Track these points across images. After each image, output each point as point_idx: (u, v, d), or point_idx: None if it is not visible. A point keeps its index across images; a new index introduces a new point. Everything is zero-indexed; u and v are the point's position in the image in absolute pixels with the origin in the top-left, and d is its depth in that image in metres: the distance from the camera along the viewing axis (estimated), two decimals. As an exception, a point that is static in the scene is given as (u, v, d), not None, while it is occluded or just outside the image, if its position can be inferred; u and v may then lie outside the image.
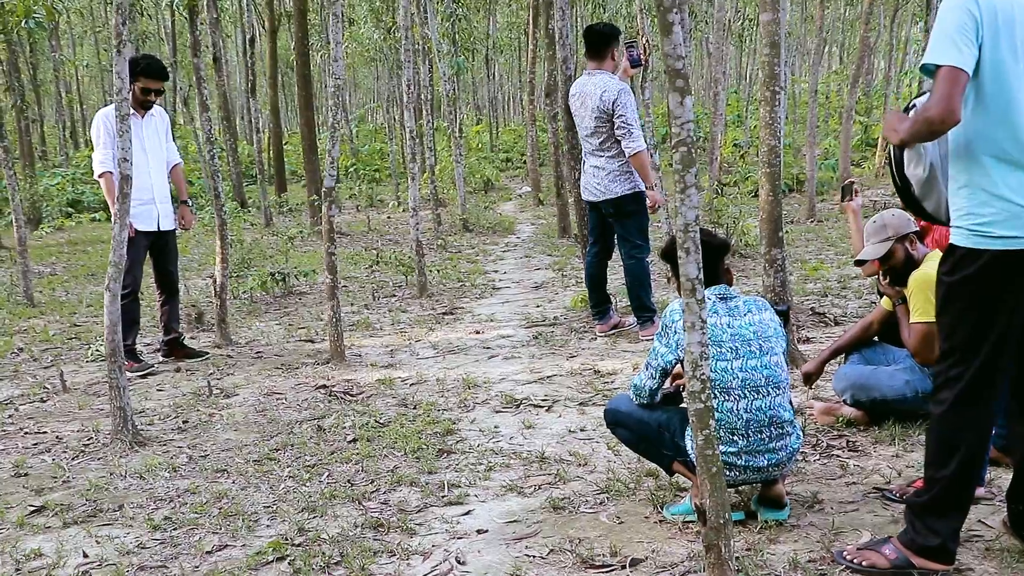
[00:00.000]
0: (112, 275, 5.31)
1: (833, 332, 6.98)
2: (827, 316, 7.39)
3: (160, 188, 7.20)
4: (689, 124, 3.11)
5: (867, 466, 4.37)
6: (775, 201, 5.97)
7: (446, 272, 10.85)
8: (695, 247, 3.11)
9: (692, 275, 3.12)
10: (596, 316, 7.49)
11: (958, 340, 3.11)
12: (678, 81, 3.08)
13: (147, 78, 6.98)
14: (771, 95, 5.92)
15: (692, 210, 3.11)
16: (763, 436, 3.66)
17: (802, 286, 8.67)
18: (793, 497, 4.02)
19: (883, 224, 4.57)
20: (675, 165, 3.13)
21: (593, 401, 5.69)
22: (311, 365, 7.00)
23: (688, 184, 3.11)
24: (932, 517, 3.19)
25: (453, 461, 4.80)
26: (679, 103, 3.09)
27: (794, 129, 24.75)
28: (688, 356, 3.13)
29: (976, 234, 3.02)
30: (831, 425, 4.93)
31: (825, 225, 13.28)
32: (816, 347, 6.56)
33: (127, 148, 5.26)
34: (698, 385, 3.13)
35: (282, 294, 10.08)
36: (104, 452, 5.26)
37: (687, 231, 3.11)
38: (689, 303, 3.12)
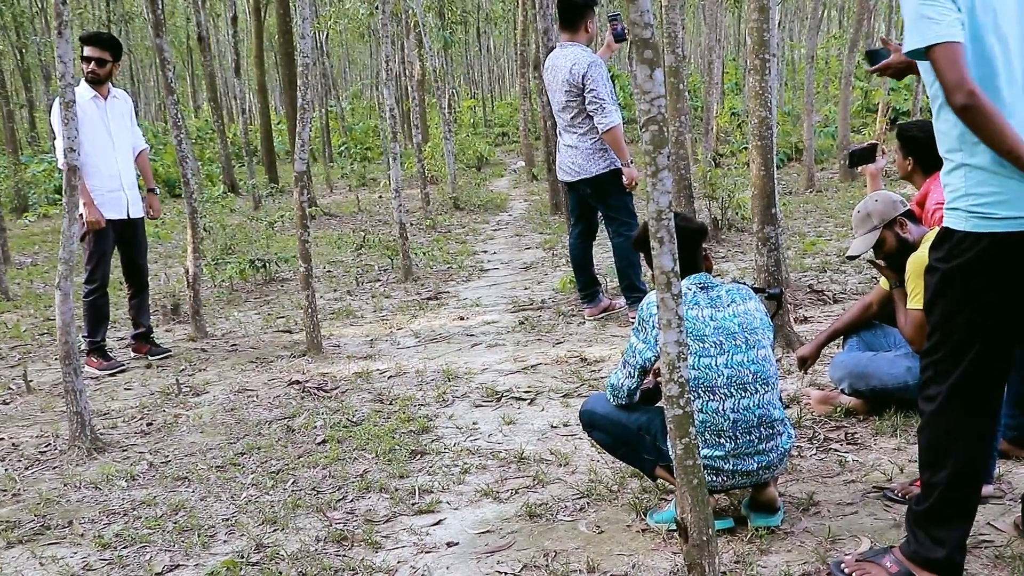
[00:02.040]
0: (63, 273, 5.03)
1: (832, 311, 6.69)
2: (826, 294, 7.09)
3: (128, 174, 6.91)
4: (660, 100, 2.80)
5: (867, 461, 4.09)
6: (767, 176, 5.67)
7: (432, 254, 10.54)
8: (669, 236, 2.81)
9: (667, 267, 2.82)
10: (584, 299, 7.19)
11: (952, 331, 2.80)
12: (646, 52, 2.78)
13: (86, 44, 6.69)
14: (761, 63, 5.61)
15: (664, 195, 2.81)
16: (752, 437, 3.38)
17: (800, 261, 8.37)
18: (787, 499, 3.73)
19: (867, 213, 4.25)
20: (644, 145, 2.82)
21: (578, 392, 5.41)
22: (287, 358, 6.72)
23: (660, 167, 2.81)
24: (934, 526, 2.90)
25: (427, 463, 4.52)
26: (648, 76, 2.78)
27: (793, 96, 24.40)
28: (664, 357, 2.85)
29: (976, 216, 2.70)
30: (828, 415, 4.64)
31: (824, 195, 12.95)
32: (814, 327, 6.28)
33: (74, 137, 4.96)
34: (676, 389, 2.84)
35: (263, 281, 9.79)
36: (60, 460, 4.99)
37: (660, 219, 2.81)
38: (664, 298, 2.83)
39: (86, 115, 6.69)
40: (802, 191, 13.50)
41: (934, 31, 2.59)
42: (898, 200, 4.18)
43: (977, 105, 2.54)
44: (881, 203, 4.18)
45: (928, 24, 2.60)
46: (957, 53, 2.57)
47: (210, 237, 10.24)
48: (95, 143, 6.72)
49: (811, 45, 14.56)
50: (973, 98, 2.53)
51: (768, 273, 5.67)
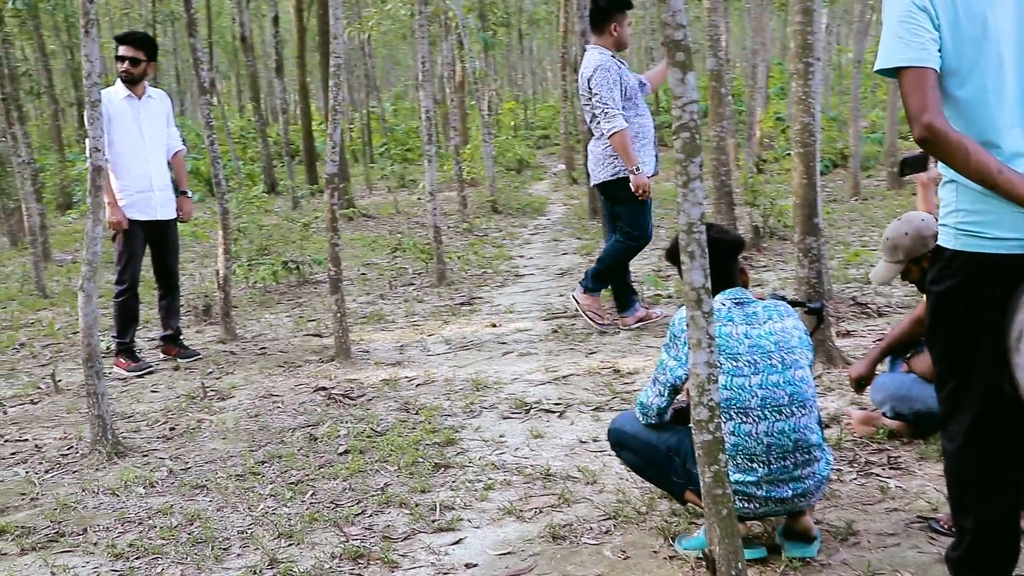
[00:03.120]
0: (86, 274, 4.94)
1: (876, 324, 6.47)
2: (869, 307, 6.86)
3: (159, 175, 6.83)
4: (693, 106, 2.64)
5: (911, 488, 3.88)
6: (810, 184, 5.46)
7: (468, 258, 10.40)
8: (700, 250, 2.65)
9: (697, 283, 2.66)
10: (620, 308, 7.02)
11: (956, 360, 2.58)
12: (678, 54, 2.62)
13: (120, 44, 6.64)
14: (804, 68, 5.41)
15: (696, 207, 2.65)
16: (787, 463, 3.20)
17: (843, 272, 8.13)
18: (824, 527, 3.55)
19: (894, 245, 4.07)
20: (676, 154, 2.66)
21: (609, 405, 5.24)
22: (315, 363, 6.61)
23: (691, 176, 2.65)
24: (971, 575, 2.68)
25: (450, 477, 4.38)
26: (680, 80, 2.62)
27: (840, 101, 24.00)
28: (694, 378, 2.69)
29: (965, 233, 2.49)
30: (870, 437, 4.42)
31: (870, 204, 12.64)
32: (857, 343, 6.07)
33: (99, 137, 4.87)
34: (705, 413, 2.68)
35: (296, 283, 9.70)
36: (81, 464, 4.92)
37: (690, 231, 2.65)
38: (694, 316, 2.67)
39: (118, 115, 6.64)
40: (847, 199, 13.21)
41: (902, 53, 2.41)
42: (931, 235, 3.98)
43: (935, 139, 2.36)
44: (910, 238, 4.00)
45: (898, 44, 2.42)
46: (924, 80, 2.38)
47: (246, 237, 10.16)
48: (126, 143, 6.67)
49: (858, 49, 14.25)
50: (931, 131, 2.35)
51: (809, 286, 5.46)
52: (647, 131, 6.72)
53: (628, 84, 6.60)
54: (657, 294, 7.84)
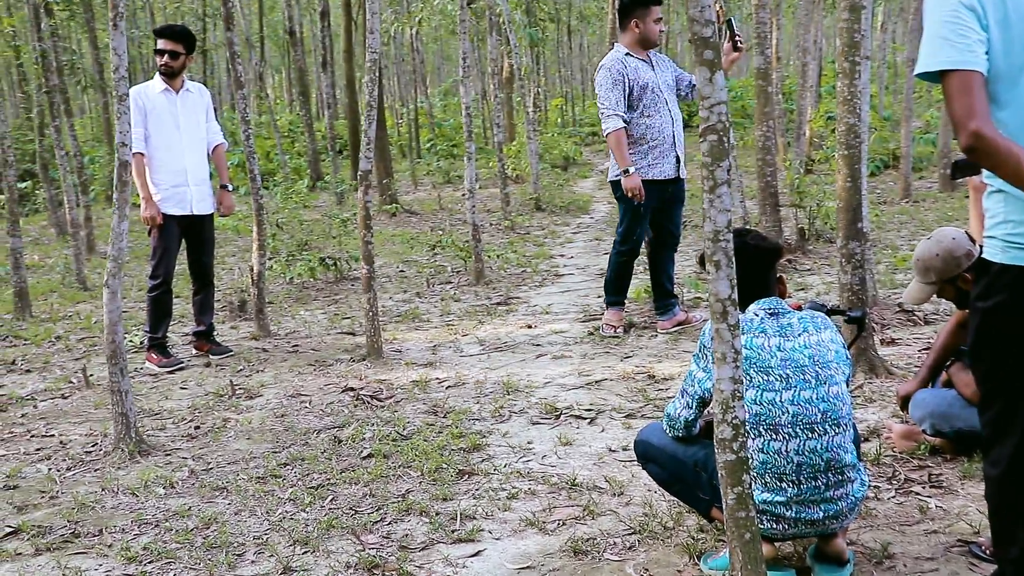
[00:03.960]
0: (111, 270, 4.89)
1: (923, 332, 6.25)
2: (916, 314, 6.64)
3: (195, 169, 6.78)
4: (721, 107, 2.50)
5: (952, 509, 3.70)
6: (854, 188, 5.28)
7: (507, 256, 10.28)
8: (727, 259, 2.51)
9: (723, 294, 2.52)
10: (658, 311, 6.87)
11: (1003, 382, 2.42)
12: (706, 52, 2.48)
13: (160, 37, 6.61)
14: (851, 66, 5.22)
15: (723, 214, 2.51)
16: (818, 483, 3.04)
17: (890, 277, 7.90)
18: (858, 548, 3.38)
19: (925, 268, 3.90)
20: (703, 157, 2.52)
21: (642, 412, 5.10)
22: (346, 362, 6.53)
23: (718, 181, 2.51)
24: None
25: (473, 485, 4.26)
26: (708, 80, 2.48)
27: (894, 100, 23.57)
28: (718, 395, 2.54)
29: (1014, 246, 2.33)
30: (911, 452, 4.24)
31: (921, 206, 12.34)
32: (902, 350, 5.87)
33: (126, 131, 4.81)
34: (729, 432, 2.53)
35: (334, 280, 9.65)
36: (103, 462, 4.86)
37: (717, 240, 2.51)
38: (719, 329, 2.53)
39: (155, 109, 6.62)
40: (897, 201, 12.92)
41: (946, 55, 2.24)
42: (963, 254, 3.80)
43: (983, 147, 2.18)
44: (941, 259, 3.83)
45: (943, 46, 2.25)
46: (970, 83, 2.21)
47: (286, 232, 10.13)
48: (162, 137, 6.63)
49: (912, 47, 13.92)
50: (978, 139, 2.18)
51: (852, 292, 5.27)
52: (657, 132, 6.49)
53: (639, 83, 6.43)
54: (697, 297, 7.66)
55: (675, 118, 6.58)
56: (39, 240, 16.29)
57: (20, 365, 7.19)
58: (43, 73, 11.58)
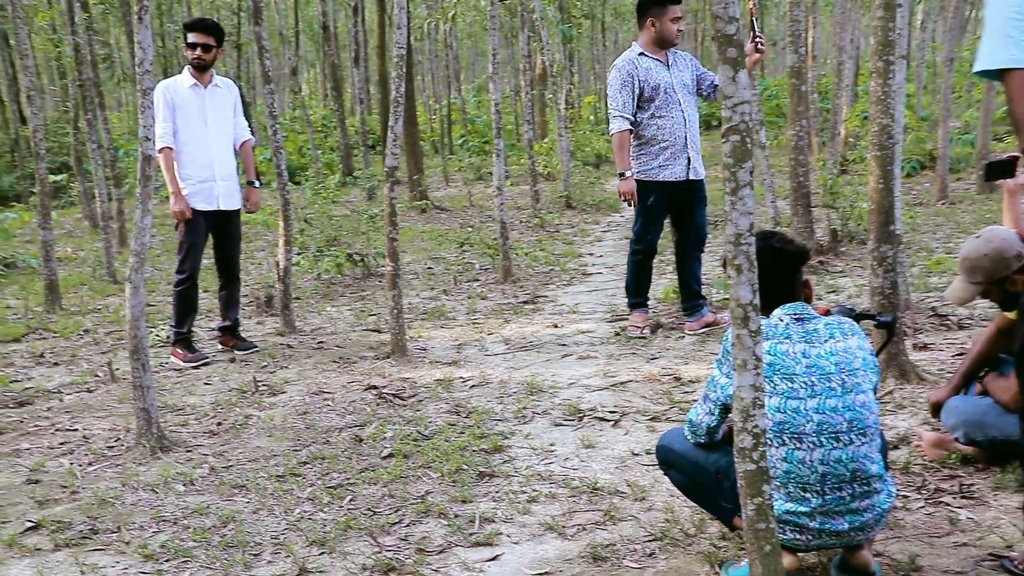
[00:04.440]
0: (134, 265, 4.87)
1: (956, 337, 6.13)
2: (950, 318, 6.51)
3: (222, 165, 6.77)
4: (744, 106, 2.43)
5: (983, 520, 3.60)
6: (887, 190, 5.16)
7: (535, 255, 10.22)
8: (748, 263, 2.44)
9: (744, 299, 2.45)
10: (685, 312, 6.79)
11: None
12: (729, 50, 2.41)
13: (191, 31, 6.60)
14: (884, 66, 5.10)
15: (745, 217, 2.44)
16: (843, 494, 2.96)
17: (924, 280, 7.76)
18: (885, 560, 3.30)
19: (972, 267, 3.79)
20: (724, 158, 2.45)
21: (667, 416, 5.03)
22: (370, 359, 6.50)
23: (740, 183, 2.44)
24: None
25: (493, 487, 4.21)
26: (730, 78, 2.41)
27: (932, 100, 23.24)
28: (738, 403, 2.48)
29: None
30: (942, 461, 4.14)
31: (958, 208, 12.15)
32: (935, 356, 5.75)
33: (149, 126, 4.79)
34: (750, 440, 2.47)
35: (361, 276, 9.63)
36: (124, 458, 4.86)
37: (738, 243, 2.44)
38: (740, 335, 2.46)
39: (183, 104, 6.62)
40: (934, 202, 12.72)
41: (1010, 53, 2.16)
42: (1013, 255, 3.69)
43: None
44: (991, 260, 3.72)
45: (1006, 44, 2.17)
46: None
47: (315, 227, 10.12)
48: (190, 132, 6.63)
49: (950, 46, 13.71)
50: None
51: (883, 296, 5.16)
52: (668, 133, 6.44)
53: (650, 84, 6.40)
54: (726, 298, 7.55)
55: (688, 119, 6.50)
56: (73, 232, 16.42)
57: (48, 358, 7.22)
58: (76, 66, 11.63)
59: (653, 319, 6.93)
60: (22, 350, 7.52)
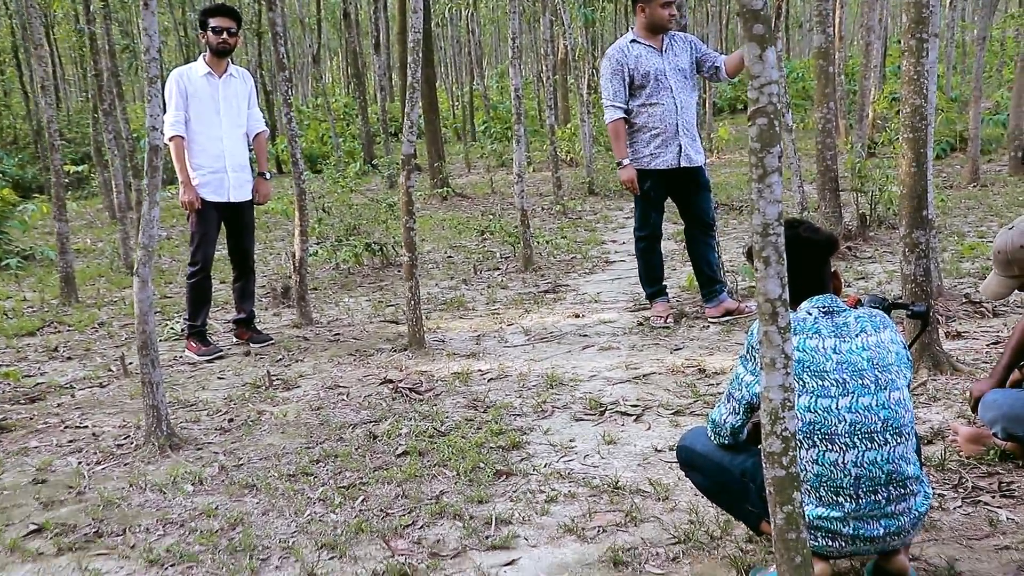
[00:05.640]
0: (142, 258, 4.73)
1: (991, 325, 5.93)
2: (984, 305, 6.30)
3: (234, 156, 6.63)
4: (772, 87, 2.25)
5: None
6: (919, 173, 4.97)
7: (557, 242, 10.05)
8: (777, 255, 2.27)
9: (772, 294, 2.28)
10: (704, 299, 6.64)
11: None
12: (756, 27, 2.23)
13: (214, 16, 6.44)
14: (917, 44, 4.90)
15: (773, 205, 2.27)
16: (878, 498, 2.79)
17: (956, 265, 7.54)
18: (921, 565, 3.12)
19: (1007, 260, 3.60)
20: (751, 143, 2.28)
21: (690, 410, 4.86)
22: (387, 352, 6.37)
23: (768, 169, 2.26)
24: None
25: (511, 487, 4.06)
26: (757, 57, 2.24)
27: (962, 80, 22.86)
28: (765, 404, 2.31)
29: None
30: (979, 457, 3.96)
31: (990, 190, 11.86)
32: (969, 344, 5.56)
33: (156, 115, 4.66)
34: (779, 445, 2.30)
35: (380, 265, 9.50)
36: (133, 456, 4.74)
37: (766, 234, 2.27)
38: (768, 332, 2.29)
39: (196, 93, 6.49)
40: (965, 185, 12.45)
41: None
42: None
43: None
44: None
45: None
46: None
47: (335, 216, 9.99)
48: (202, 121, 6.50)
49: (983, 25, 13.40)
50: None
51: (915, 284, 4.97)
52: (658, 121, 6.35)
53: (640, 71, 6.33)
54: (752, 286, 7.38)
55: (681, 105, 6.39)
56: (93, 223, 16.39)
57: (62, 352, 7.13)
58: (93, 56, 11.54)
59: (676, 308, 6.77)
60: (36, 344, 7.44)
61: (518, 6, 9.17)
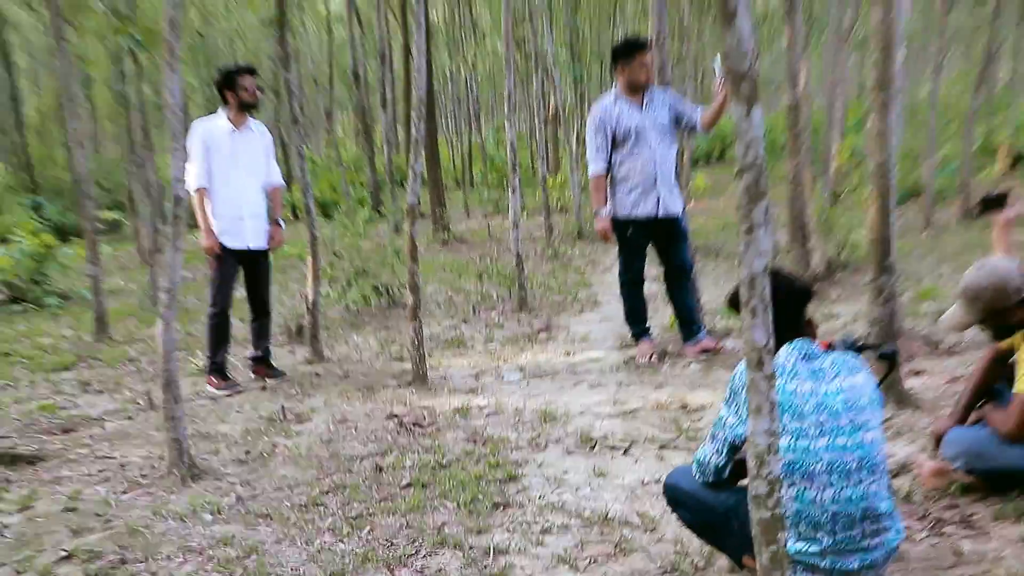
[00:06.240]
0: (165, 301, 4.63)
1: (948, 364, 5.84)
2: (941, 345, 6.22)
3: (252, 205, 6.54)
4: (758, 143, 2.17)
5: (987, 552, 3.31)
6: (885, 222, 4.90)
7: (549, 284, 9.96)
8: (763, 306, 2.18)
9: (759, 343, 2.19)
10: (684, 338, 6.55)
11: None
12: (743, 86, 2.16)
13: (244, 75, 6.38)
14: (882, 103, 4.85)
15: (760, 258, 2.18)
16: (854, 532, 2.70)
17: (914, 308, 7.46)
18: (895, 596, 3.02)
19: (974, 296, 3.53)
20: (740, 197, 2.20)
21: (675, 444, 4.75)
22: (393, 387, 6.26)
23: (755, 223, 2.17)
24: None
25: (508, 518, 3.95)
26: (744, 116, 2.16)
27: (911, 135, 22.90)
28: (752, 448, 2.21)
29: None
30: (942, 490, 3.85)
31: (942, 237, 11.84)
32: (928, 381, 5.47)
33: (180, 167, 4.58)
34: (764, 487, 2.20)
35: (387, 306, 9.39)
36: (157, 486, 4.61)
37: (753, 286, 2.18)
38: (754, 379, 2.20)
39: (217, 145, 6.41)
40: (919, 232, 12.40)
41: None
42: (1014, 288, 3.43)
43: None
44: (992, 291, 3.47)
45: None
46: None
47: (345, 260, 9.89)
48: (223, 172, 6.41)
49: (935, 84, 13.44)
50: None
51: (882, 326, 4.89)
52: (638, 172, 6.29)
53: (622, 127, 6.29)
54: (729, 326, 7.29)
55: (659, 159, 6.33)
56: (126, 266, 16.28)
57: (94, 386, 7.00)
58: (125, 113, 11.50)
59: (659, 347, 6.67)
60: (71, 378, 7.32)
61: (513, 66, 9.13)
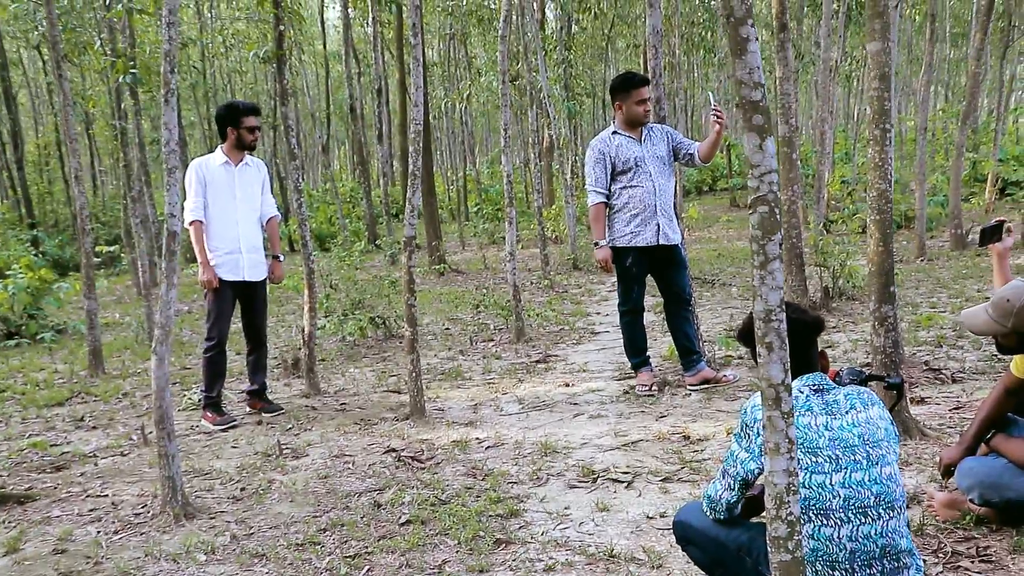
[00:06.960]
0: (159, 337, 4.50)
1: (951, 391, 5.72)
2: (943, 372, 6.10)
3: (248, 238, 6.43)
4: (772, 175, 2.07)
5: (1006, 588, 3.18)
6: (886, 252, 4.80)
7: (546, 315, 9.84)
8: (780, 341, 2.06)
9: (775, 379, 2.07)
10: (684, 368, 6.43)
11: None
12: (756, 117, 2.05)
13: (252, 116, 6.30)
14: (881, 133, 4.76)
15: (775, 292, 2.07)
16: (872, 571, 2.56)
17: (914, 335, 7.35)
18: (914, 636, 2.87)
19: (1010, 311, 3.40)
20: (752, 230, 2.09)
21: (678, 476, 4.61)
22: (390, 421, 6.11)
23: (770, 256, 2.07)
24: None
25: (510, 555, 3.79)
26: (757, 147, 2.06)
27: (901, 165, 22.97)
28: (770, 488, 2.09)
29: None
30: (955, 522, 3.72)
31: (936, 264, 11.76)
32: (932, 409, 5.35)
33: (175, 203, 4.46)
34: (784, 529, 2.07)
35: (383, 338, 9.25)
36: (149, 526, 4.45)
37: (769, 320, 2.06)
38: (771, 417, 2.07)
39: (214, 180, 6.31)
40: (913, 259, 12.34)
41: None
42: None
43: None
44: None
45: None
46: None
47: (342, 292, 9.76)
48: (219, 206, 6.31)
49: (923, 116, 13.44)
50: None
51: (885, 355, 4.77)
52: (638, 202, 6.23)
53: (622, 159, 6.26)
54: (728, 355, 7.17)
55: (659, 189, 6.28)
56: (122, 299, 16.11)
57: (88, 422, 6.85)
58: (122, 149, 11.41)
59: (659, 377, 6.54)
60: (64, 413, 7.16)
61: (508, 101, 9.06)
